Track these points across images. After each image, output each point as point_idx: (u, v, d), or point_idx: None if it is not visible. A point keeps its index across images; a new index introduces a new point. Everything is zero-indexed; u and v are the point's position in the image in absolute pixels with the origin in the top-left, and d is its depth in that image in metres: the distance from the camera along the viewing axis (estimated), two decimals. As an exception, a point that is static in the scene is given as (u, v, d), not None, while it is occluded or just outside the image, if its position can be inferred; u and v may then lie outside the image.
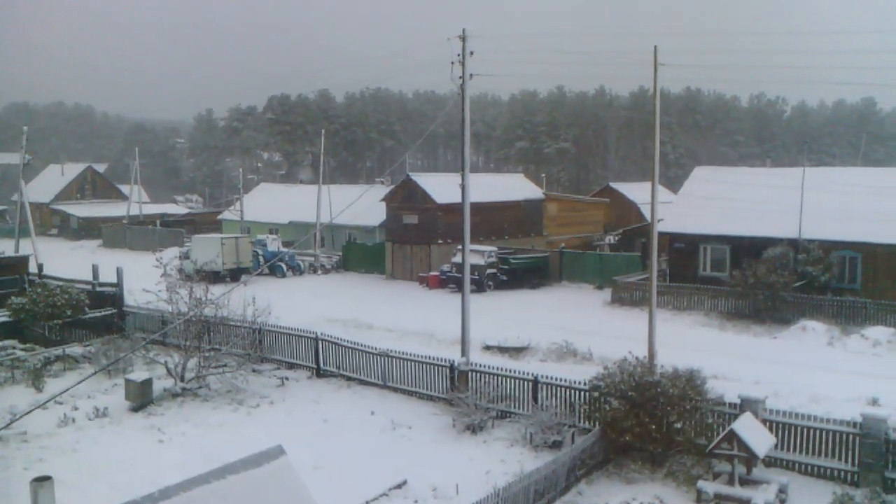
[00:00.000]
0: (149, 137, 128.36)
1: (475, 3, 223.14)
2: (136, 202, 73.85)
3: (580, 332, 27.95)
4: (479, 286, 39.47)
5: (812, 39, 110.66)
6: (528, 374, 19.64)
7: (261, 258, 47.78)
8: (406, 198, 47.55)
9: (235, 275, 44.57)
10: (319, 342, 24.47)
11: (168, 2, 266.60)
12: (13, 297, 28.81)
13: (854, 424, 15.61)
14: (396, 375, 22.41)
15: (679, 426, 16.32)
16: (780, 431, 16.28)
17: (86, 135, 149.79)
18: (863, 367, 24.24)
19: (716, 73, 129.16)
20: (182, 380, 22.38)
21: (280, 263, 48.07)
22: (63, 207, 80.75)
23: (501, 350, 26.58)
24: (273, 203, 67.16)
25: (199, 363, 22.60)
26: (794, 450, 16.24)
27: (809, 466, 16.04)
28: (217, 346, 23.11)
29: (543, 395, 19.00)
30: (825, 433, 15.90)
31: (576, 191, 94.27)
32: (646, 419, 16.16)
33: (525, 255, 44.01)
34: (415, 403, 21.40)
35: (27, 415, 18.25)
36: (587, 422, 18.03)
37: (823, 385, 21.72)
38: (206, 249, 44.68)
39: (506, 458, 17.21)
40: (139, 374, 21.87)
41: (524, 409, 19.20)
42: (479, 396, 19.41)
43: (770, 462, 16.25)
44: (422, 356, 22.11)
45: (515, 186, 53.55)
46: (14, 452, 17.94)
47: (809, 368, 23.85)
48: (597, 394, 17.66)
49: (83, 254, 58.10)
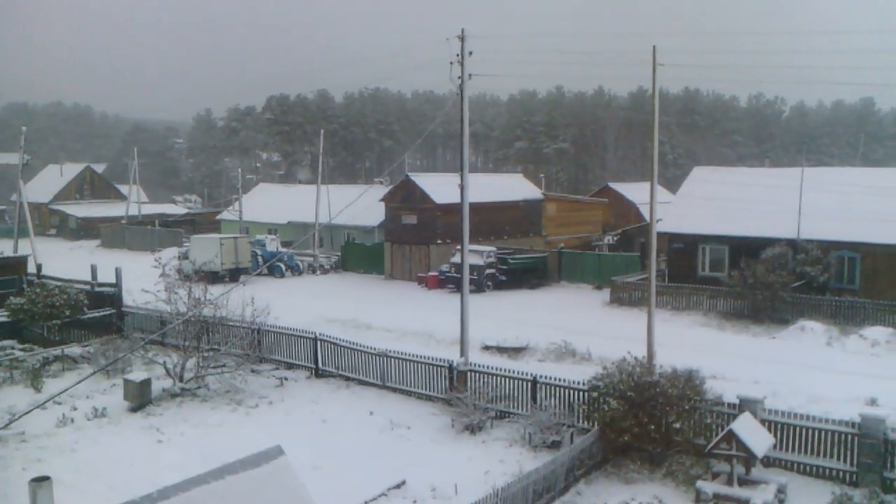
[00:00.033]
0: (147, 137, 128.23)
1: (475, 3, 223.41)
2: (135, 202, 73.81)
3: (579, 333, 27.97)
4: (478, 286, 39.47)
5: (812, 39, 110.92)
6: (527, 375, 19.65)
7: (260, 258, 47.81)
8: (405, 198, 47.55)
9: (234, 275, 44.58)
10: (318, 342, 24.47)
11: (168, 2, 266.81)
12: (12, 298, 28.80)
13: (853, 424, 15.62)
14: (395, 376, 22.41)
15: (678, 426, 16.32)
16: (779, 431, 16.30)
17: (84, 135, 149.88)
18: (861, 367, 24.28)
19: (715, 74, 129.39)
20: (181, 380, 22.37)
21: (279, 263, 48.06)
22: (62, 207, 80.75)
23: (500, 350, 26.57)
24: (272, 203, 67.15)
25: (198, 363, 22.60)
26: (793, 450, 16.26)
27: (808, 466, 16.06)
28: (216, 347, 23.12)
29: (542, 396, 19.02)
30: (824, 433, 15.91)
31: (574, 191, 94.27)
32: (645, 419, 16.16)
33: (524, 256, 44.01)
34: (413, 404, 21.39)
35: (26, 415, 18.26)
36: (586, 422, 18.04)
37: (822, 385, 21.76)
38: (205, 249, 44.66)
39: (505, 459, 17.22)
40: (138, 375, 21.83)
41: (523, 410, 19.21)
42: (478, 396, 19.42)
43: (769, 462, 16.27)
44: (420, 356, 22.10)
45: (514, 186, 53.52)
46: (13, 452, 17.92)
47: (808, 368, 23.88)
48: (595, 394, 17.66)
49: (82, 254, 58.09)
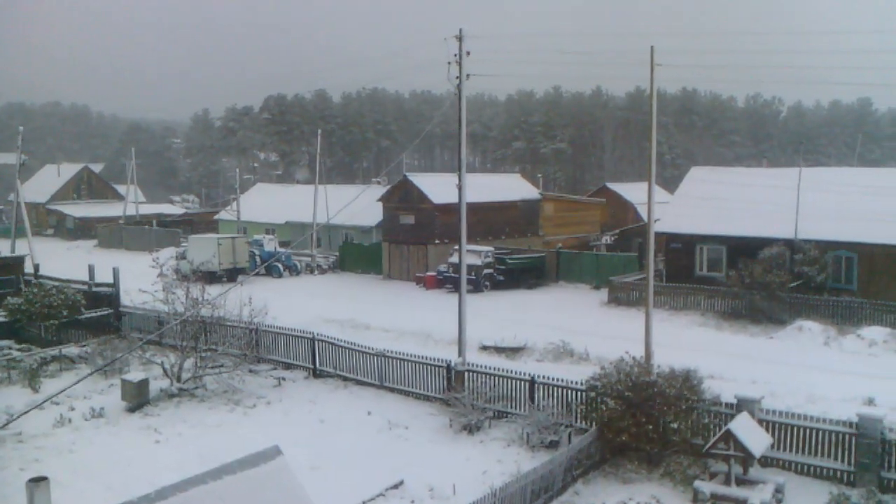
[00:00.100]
0: (145, 137, 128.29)
1: (474, 3, 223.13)
2: (133, 202, 73.75)
3: (577, 333, 27.98)
4: (476, 286, 39.47)
5: (811, 39, 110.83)
6: (525, 375, 19.65)
7: (257, 258, 47.79)
8: (403, 198, 47.55)
9: (232, 275, 44.53)
10: (316, 342, 24.45)
11: (167, 2, 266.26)
12: (9, 298, 28.78)
13: (850, 424, 15.64)
14: (393, 376, 22.40)
15: (675, 426, 16.34)
16: (777, 431, 16.31)
17: (82, 135, 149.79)
18: (859, 367, 24.30)
19: (713, 74, 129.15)
20: (178, 380, 22.34)
21: (277, 263, 48.03)
22: (59, 207, 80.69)
23: (498, 350, 26.57)
24: (269, 203, 67.10)
25: (196, 363, 22.59)
26: (791, 450, 16.27)
27: (806, 466, 16.07)
28: (214, 347, 23.11)
29: (540, 396, 19.02)
30: (821, 433, 15.93)
31: (572, 191, 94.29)
32: (642, 419, 16.17)
33: (522, 256, 44.03)
34: (411, 404, 21.39)
35: (23, 415, 18.25)
36: (584, 422, 18.05)
37: (820, 385, 21.79)
38: (203, 249, 44.63)
39: (502, 459, 17.22)
40: (135, 375, 21.81)
41: (521, 410, 19.20)
42: (476, 397, 19.41)
43: (766, 462, 16.28)
44: (418, 356, 22.09)
45: (512, 186, 53.54)
46: (10, 453, 17.90)
47: (806, 368, 23.91)
48: (593, 394, 17.68)
49: (79, 254, 58.05)
